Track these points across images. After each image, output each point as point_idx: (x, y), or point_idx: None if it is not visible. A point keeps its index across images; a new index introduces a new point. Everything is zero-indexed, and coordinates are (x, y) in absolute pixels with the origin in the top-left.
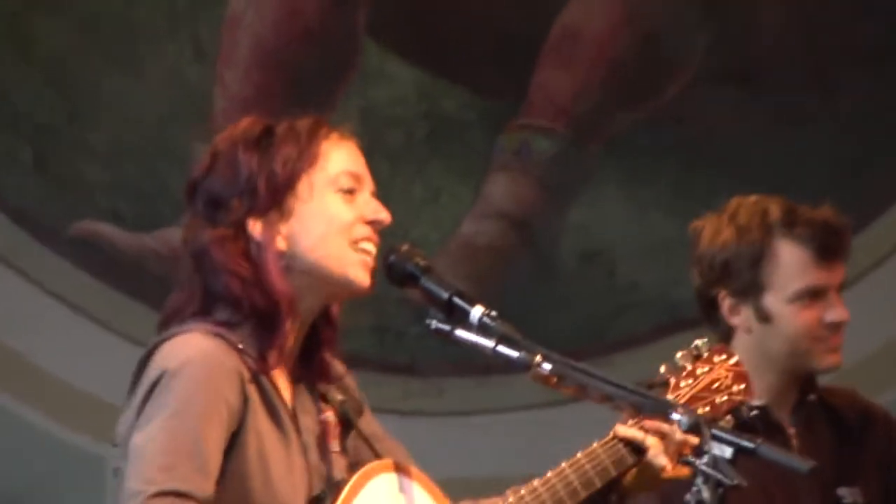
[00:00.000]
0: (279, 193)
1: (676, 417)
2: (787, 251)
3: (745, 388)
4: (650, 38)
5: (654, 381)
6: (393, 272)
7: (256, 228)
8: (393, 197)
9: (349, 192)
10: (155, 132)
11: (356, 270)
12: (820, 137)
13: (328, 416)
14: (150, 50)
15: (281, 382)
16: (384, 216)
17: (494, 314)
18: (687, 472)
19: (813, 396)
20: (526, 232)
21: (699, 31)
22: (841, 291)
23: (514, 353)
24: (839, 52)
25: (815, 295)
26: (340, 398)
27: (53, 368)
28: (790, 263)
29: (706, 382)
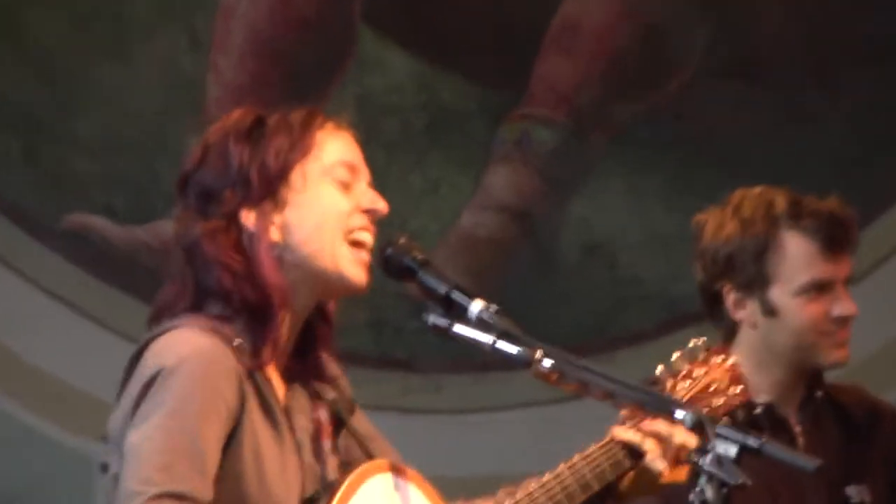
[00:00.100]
0: (272, 183)
1: (680, 415)
2: (793, 243)
3: (742, 390)
4: (651, 29)
5: (651, 381)
6: (390, 266)
7: (250, 219)
8: (390, 188)
9: (345, 182)
10: (147, 124)
11: (351, 267)
12: (821, 134)
13: (321, 414)
14: (142, 41)
15: (274, 379)
16: (381, 206)
17: (494, 309)
18: (684, 476)
19: (820, 393)
20: (526, 224)
21: (700, 24)
22: (847, 285)
23: (513, 348)
24: (841, 47)
25: (821, 288)
26: (332, 396)
27: (44, 364)
28: (796, 256)
29: (704, 384)
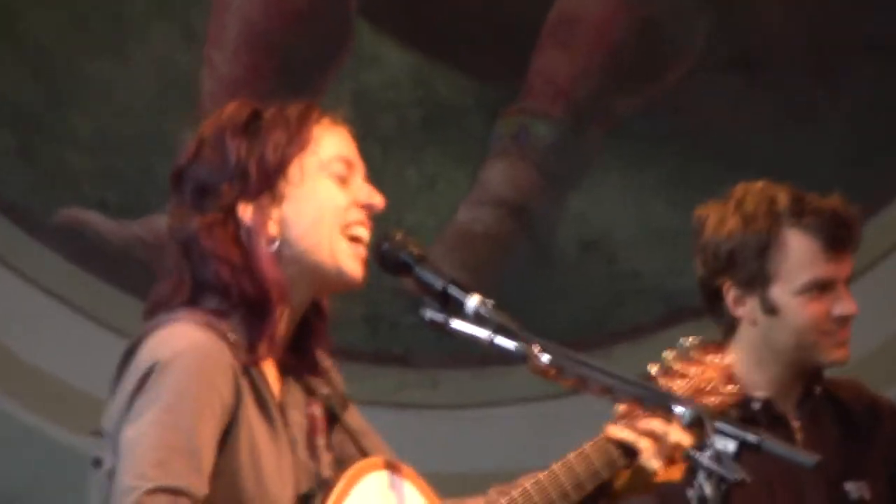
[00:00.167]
0: (270, 177)
1: (679, 410)
2: (795, 241)
3: (736, 389)
4: (649, 22)
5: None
6: (386, 261)
7: (247, 213)
8: (387, 183)
9: (342, 176)
10: (142, 119)
11: (349, 262)
12: (820, 129)
13: (315, 410)
14: (137, 36)
15: (270, 375)
16: (378, 201)
17: (491, 304)
18: (678, 475)
19: (819, 389)
20: (524, 219)
21: (698, 17)
22: (849, 284)
23: (511, 343)
24: (841, 42)
25: (823, 287)
26: (326, 392)
27: (39, 361)
28: (798, 254)
29: (698, 383)
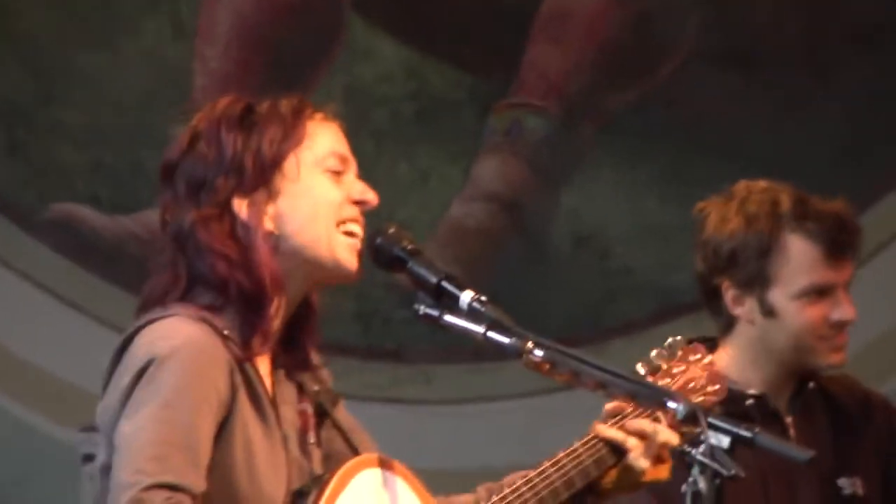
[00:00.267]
0: (266, 172)
1: (673, 406)
2: (795, 246)
3: (719, 388)
4: (641, 17)
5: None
6: (380, 255)
7: (242, 208)
8: (379, 178)
9: (336, 172)
10: (132, 113)
11: (346, 255)
12: (816, 122)
13: (306, 406)
14: (127, 30)
15: (263, 371)
16: (371, 197)
17: (484, 299)
18: (666, 474)
19: (812, 384)
20: (517, 214)
21: (691, 11)
22: (848, 289)
23: (504, 339)
24: (836, 34)
25: (821, 292)
26: (316, 388)
27: (30, 355)
28: (798, 259)
29: (682, 382)
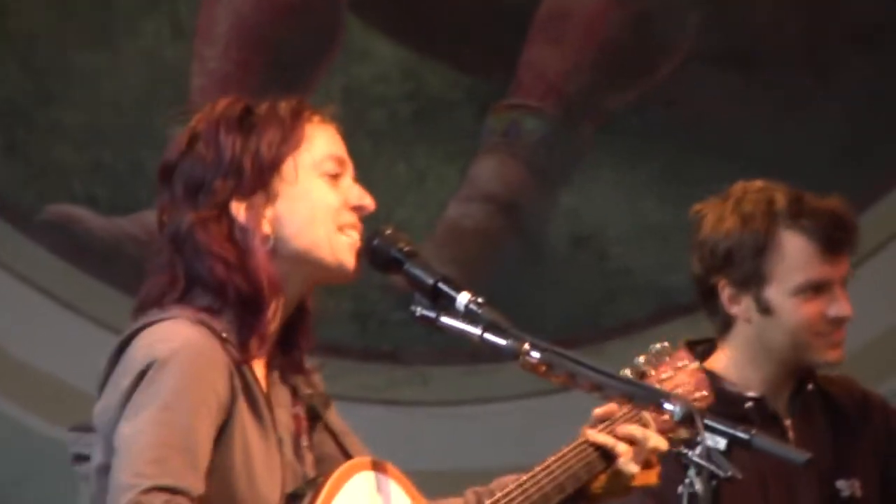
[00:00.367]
0: (265, 175)
1: (669, 407)
2: (791, 242)
3: (706, 394)
4: (640, 17)
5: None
6: (376, 257)
7: (240, 212)
8: (376, 178)
9: (334, 176)
10: (131, 114)
11: (347, 255)
12: (816, 121)
13: (298, 410)
14: (126, 30)
15: (259, 373)
16: (368, 202)
17: (481, 301)
18: (655, 479)
19: (810, 386)
20: (514, 215)
21: (690, 10)
22: (845, 285)
23: (501, 341)
24: (836, 33)
25: (818, 289)
26: (308, 391)
27: (26, 356)
28: (794, 255)
29: (669, 388)
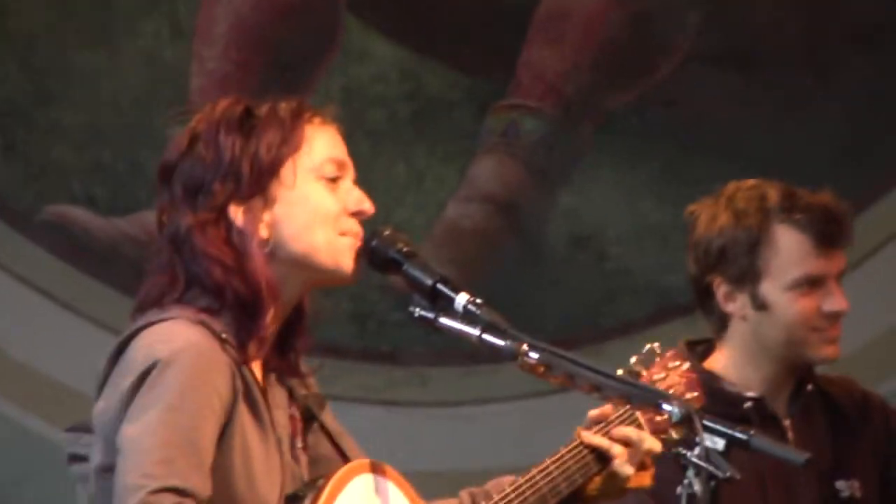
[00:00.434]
0: (263, 179)
1: (667, 408)
2: (785, 237)
3: (697, 396)
4: (639, 17)
5: None
6: (375, 257)
7: (239, 215)
8: (375, 179)
9: (333, 179)
10: (130, 114)
11: (345, 259)
12: (815, 121)
13: (294, 411)
14: (125, 30)
15: (258, 375)
16: (367, 206)
17: (480, 302)
18: (649, 481)
19: (810, 386)
20: (513, 216)
21: (690, 10)
22: (841, 280)
23: (500, 341)
24: (836, 33)
25: (813, 283)
26: (304, 393)
27: (25, 356)
28: (788, 250)
29: (662, 389)
